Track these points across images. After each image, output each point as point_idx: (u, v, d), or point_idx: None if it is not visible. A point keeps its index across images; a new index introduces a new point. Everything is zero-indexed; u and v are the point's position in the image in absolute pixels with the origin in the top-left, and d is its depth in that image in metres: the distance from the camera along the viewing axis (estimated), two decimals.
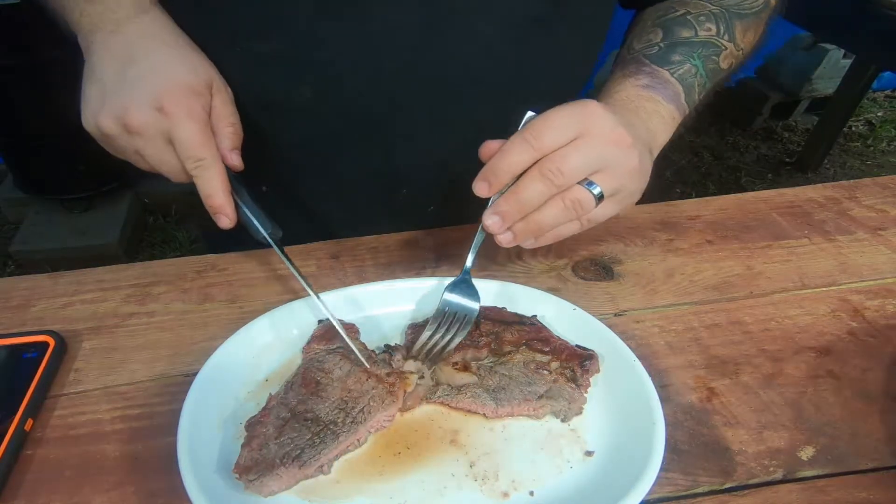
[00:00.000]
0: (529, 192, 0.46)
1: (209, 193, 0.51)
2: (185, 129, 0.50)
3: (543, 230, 0.49)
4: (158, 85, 0.50)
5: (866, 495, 0.42)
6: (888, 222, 0.69)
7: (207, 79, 0.54)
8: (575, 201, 0.47)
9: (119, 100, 0.50)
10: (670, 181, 2.66)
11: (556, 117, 0.46)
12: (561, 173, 0.46)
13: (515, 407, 0.47)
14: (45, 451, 0.46)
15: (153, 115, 0.50)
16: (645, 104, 0.57)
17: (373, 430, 0.46)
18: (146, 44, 0.54)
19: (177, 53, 0.54)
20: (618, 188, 0.49)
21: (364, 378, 0.48)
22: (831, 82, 2.75)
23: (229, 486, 0.42)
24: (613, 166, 0.47)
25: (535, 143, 0.46)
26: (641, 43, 0.63)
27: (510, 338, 0.51)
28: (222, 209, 0.52)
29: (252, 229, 0.54)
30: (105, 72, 0.52)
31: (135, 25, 0.54)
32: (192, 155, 0.50)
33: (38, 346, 0.52)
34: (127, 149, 0.52)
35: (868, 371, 0.51)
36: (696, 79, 0.61)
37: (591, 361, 0.48)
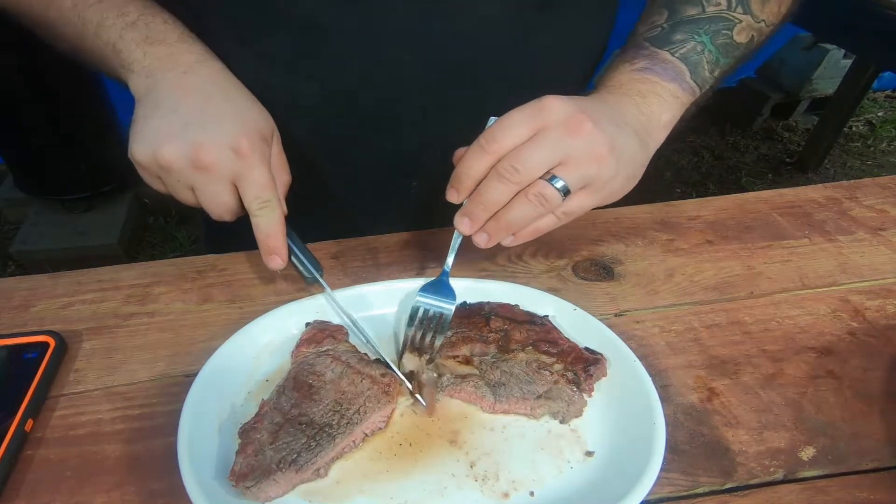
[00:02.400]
0: (491, 192, 0.48)
1: (269, 233, 0.52)
2: (258, 172, 0.51)
3: (516, 227, 0.50)
4: (235, 127, 0.51)
5: (867, 495, 0.42)
6: (888, 222, 0.69)
7: (272, 128, 0.56)
8: (538, 196, 0.47)
9: (192, 136, 0.50)
10: (670, 181, 2.66)
11: (510, 118, 0.47)
12: (517, 171, 0.46)
13: (513, 404, 0.47)
14: (46, 451, 0.46)
15: (228, 156, 0.50)
16: (639, 86, 0.57)
17: (368, 431, 0.46)
18: (218, 87, 0.55)
19: (248, 101, 0.56)
20: (586, 178, 0.48)
21: (358, 379, 0.48)
22: (831, 82, 2.75)
23: (229, 486, 0.41)
24: (575, 156, 0.47)
25: (488, 147, 0.47)
26: (645, 26, 0.62)
27: (518, 336, 0.51)
28: (278, 250, 0.53)
29: (302, 269, 0.56)
30: (177, 107, 0.52)
31: (206, 69, 0.55)
32: (260, 196, 0.52)
33: (38, 346, 0.52)
34: (181, 183, 0.52)
35: (869, 371, 0.51)
36: (704, 55, 0.59)
37: (597, 366, 0.48)
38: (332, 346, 0.51)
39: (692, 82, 0.59)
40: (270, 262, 0.53)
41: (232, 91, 0.56)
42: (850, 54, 2.60)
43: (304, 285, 0.61)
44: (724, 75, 0.62)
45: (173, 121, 0.51)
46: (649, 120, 0.55)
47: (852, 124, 2.98)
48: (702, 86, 0.60)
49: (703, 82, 0.59)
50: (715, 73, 0.60)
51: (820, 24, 1.91)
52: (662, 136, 0.57)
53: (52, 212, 2.17)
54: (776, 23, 0.64)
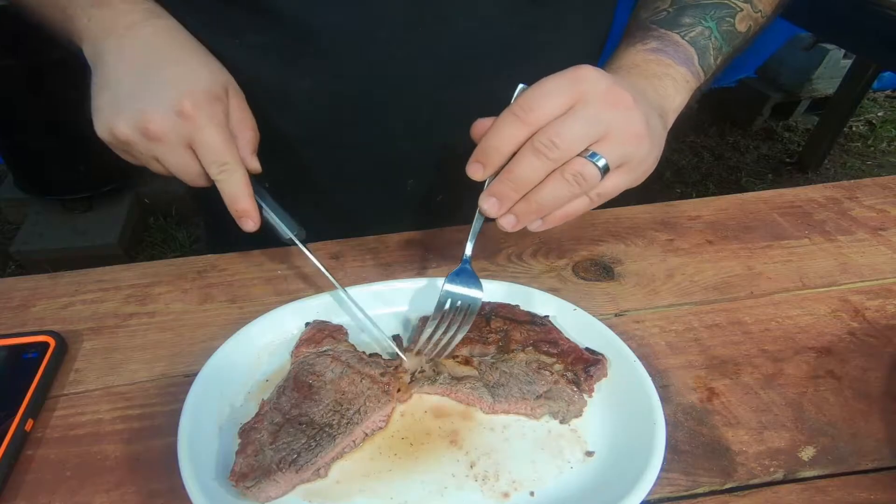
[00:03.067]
0: (524, 170, 0.43)
1: (235, 197, 0.51)
2: (208, 134, 0.49)
3: (546, 209, 0.45)
4: (178, 90, 0.49)
5: (867, 495, 0.42)
6: (888, 222, 0.69)
7: (225, 83, 0.54)
8: (577, 175, 0.43)
9: (137, 106, 0.49)
10: (670, 181, 2.66)
11: (546, 86, 0.43)
12: (555, 146, 0.42)
13: (512, 404, 0.47)
14: (46, 451, 0.46)
15: (174, 121, 0.49)
16: (654, 67, 0.55)
17: (368, 431, 0.46)
18: (162, 49, 0.53)
19: (193, 59, 0.54)
20: (625, 156, 0.45)
21: (358, 379, 0.48)
22: (831, 82, 2.75)
23: (229, 486, 0.41)
24: (615, 132, 0.44)
25: (524, 116, 0.43)
26: (649, 11, 0.61)
27: (518, 336, 0.51)
28: (247, 213, 0.51)
29: (278, 231, 0.54)
30: (120, 77, 0.51)
31: (149, 29, 0.53)
32: (216, 159, 0.50)
33: (38, 346, 0.52)
34: (145, 155, 0.51)
35: (869, 371, 0.51)
36: (711, 41, 0.58)
37: (597, 367, 0.48)
38: (332, 346, 0.51)
39: (699, 67, 0.58)
40: (242, 224, 0.52)
41: (175, 52, 0.53)
42: (850, 54, 2.60)
43: (304, 285, 0.61)
44: (723, 64, 0.62)
45: (118, 94, 0.50)
46: (664, 101, 0.54)
47: (852, 124, 2.98)
48: (706, 72, 0.59)
49: (707, 68, 0.59)
50: (718, 60, 0.60)
51: (820, 24, 1.91)
52: (672, 120, 0.56)
53: (52, 212, 2.17)
54: (770, 14, 0.64)
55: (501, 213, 0.45)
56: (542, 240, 0.67)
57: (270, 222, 0.54)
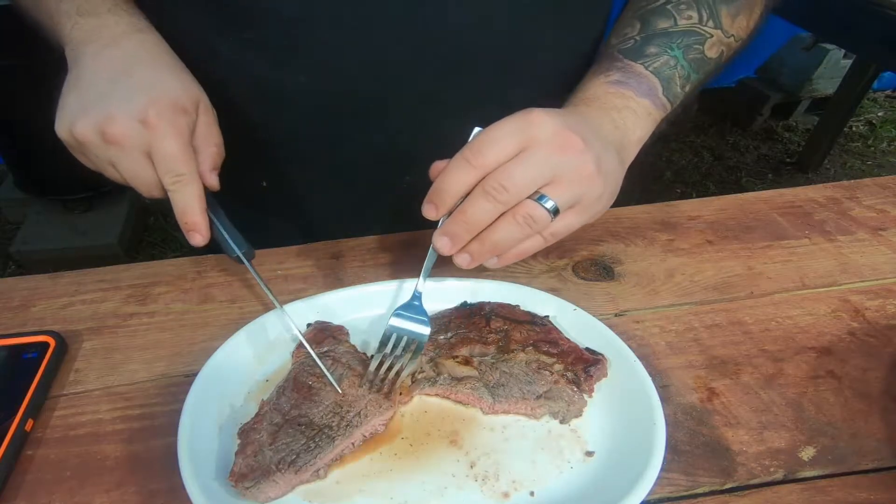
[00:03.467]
0: (475, 212, 0.45)
1: (185, 210, 0.50)
2: (167, 144, 0.49)
3: (500, 249, 0.47)
4: (145, 98, 0.49)
5: (867, 495, 0.42)
6: (888, 222, 0.69)
7: (196, 98, 0.53)
8: (527, 217, 0.45)
9: (102, 109, 0.49)
10: (670, 181, 2.66)
11: (496, 131, 0.45)
12: (505, 189, 0.44)
13: (512, 404, 0.47)
14: (46, 451, 0.46)
15: (135, 127, 0.49)
16: (614, 101, 0.55)
17: (368, 434, 0.45)
18: (140, 59, 0.53)
19: (168, 71, 0.53)
20: (575, 197, 0.47)
21: (358, 382, 0.47)
22: (831, 82, 2.75)
23: (229, 486, 0.41)
24: (565, 175, 0.45)
25: (474, 161, 0.44)
26: (618, 37, 0.62)
27: (518, 337, 0.51)
28: (197, 227, 0.51)
29: (226, 248, 0.54)
30: (94, 81, 0.51)
31: (132, 42, 0.53)
32: (171, 169, 0.49)
33: (38, 346, 0.52)
34: (101, 159, 0.51)
35: (869, 371, 0.51)
36: (676, 70, 0.59)
37: (597, 367, 0.48)
38: (333, 346, 0.51)
39: (664, 98, 0.58)
40: (190, 238, 0.51)
41: (154, 62, 0.53)
42: (850, 54, 2.60)
43: (304, 285, 0.61)
44: (693, 91, 0.62)
45: (89, 95, 0.50)
46: (624, 135, 0.54)
47: (852, 124, 2.98)
48: (672, 101, 0.59)
49: (674, 98, 0.59)
50: (686, 88, 0.60)
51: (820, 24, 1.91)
52: (634, 153, 0.56)
53: (52, 212, 2.17)
54: (744, 38, 0.64)
55: (454, 252, 0.47)
56: None
57: (220, 238, 0.53)
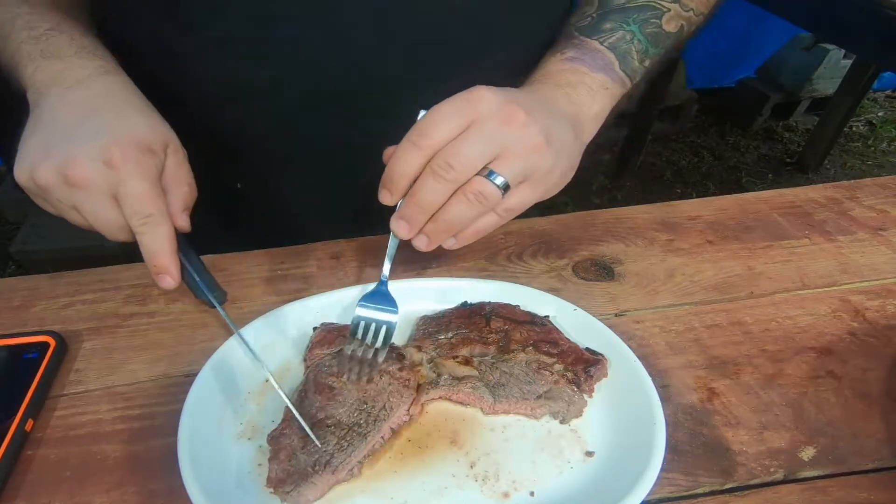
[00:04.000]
0: (426, 193, 0.45)
1: (155, 252, 0.48)
2: (133, 184, 0.47)
3: (455, 228, 0.48)
4: (109, 138, 0.48)
5: (867, 496, 0.42)
6: (889, 222, 0.69)
7: (164, 139, 0.52)
8: (477, 194, 0.45)
9: (64, 151, 0.47)
10: (670, 181, 2.66)
11: (440, 111, 0.45)
12: (451, 167, 0.44)
13: (513, 404, 0.47)
14: (46, 451, 0.46)
15: (100, 170, 0.47)
16: (567, 76, 0.55)
17: (395, 427, 0.46)
18: (106, 101, 0.51)
19: (135, 112, 0.52)
20: (525, 171, 0.46)
21: (377, 377, 0.48)
22: (832, 82, 2.75)
23: (229, 486, 0.42)
24: (512, 148, 0.45)
25: (420, 142, 0.45)
26: (577, 16, 0.62)
27: (518, 337, 0.51)
28: (166, 269, 0.48)
29: (197, 292, 0.52)
30: (56, 124, 0.49)
31: (98, 84, 0.52)
32: (139, 210, 0.47)
33: (38, 346, 0.52)
34: (63, 204, 0.49)
35: (869, 371, 0.51)
36: (633, 44, 0.59)
37: (597, 367, 0.48)
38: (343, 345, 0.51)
39: (621, 72, 0.58)
40: (159, 281, 0.49)
41: (120, 103, 0.52)
42: (850, 54, 2.60)
43: (304, 285, 0.61)
44: (654, 65, 0.62)
45: (50, 138, 0.48)
46: (579, 110, 0.54)
47: (852, 124, 2.98)
48: (632, 76, 0.59)
49: (632, 72, 0.59)
50: (644, 62, 0.60)
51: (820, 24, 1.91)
52: (594, 129, 0.56)
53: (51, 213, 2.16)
54: (705, 12, 0.64)
55: (412, 235, 0.48)
56: (543, 240, 0.67)
57: (190, 282, 0.51)
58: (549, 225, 0.69)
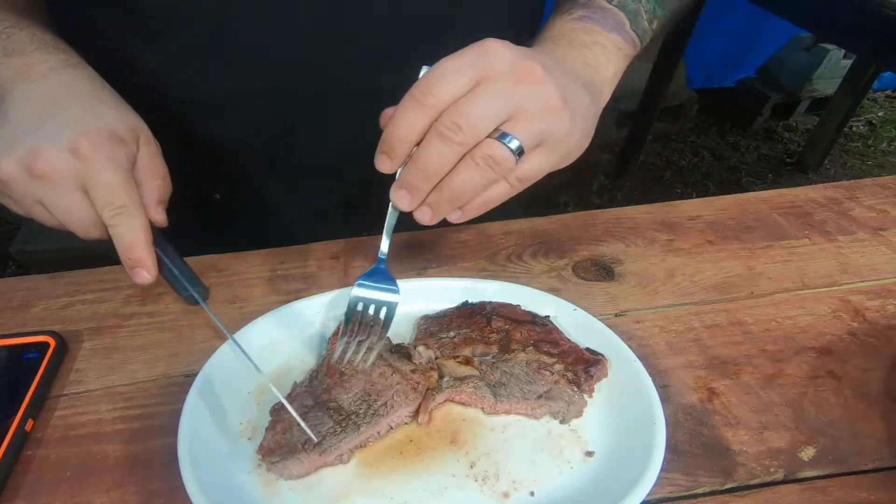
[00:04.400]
0: (431, 157, 0.40)
1: (130, 245, 0.46)
2: (104, 174, 0.45)
3: (462, 198, 0.43)
4: (77, 129, 0.46)
5: (867, 496, 0.42)
6: (889, 222, 0.69)
7: (134, 128, 0.50)
8: (487, 158, 0.41)
9: (28, 143, 0.45)
10: (670, 181, 2.66)
11: (447, 65, 0.41)
12: (460, 128, 0.39)
13: (513, 404, 0.47)
14: (46, 451, 0.46)
15: (67, 160, 0.45)
16: (581, 36, 0.52)
17: (393, 425, 0.46)
18: (72, 93, 0.49)
19: (103, 103, 0.50)
20: (541, 134, 0.42)
21: (389, 372, 0.48)
22: (832, 82, 2.76)
23: (229, 486, 0.42)
24: (527, 108, 0.41)
25: (424, 100, 0.40)
26: None
27: (519, 336, 0.51)
28: (142, 262, 0.47)
29: (178, 287, 0.50)
30: (20, 118, 0.47)
31: (63, 77, 0.50)
32: (111, 201, 0.45)
33: (38, 346, 0.52)
34: (25, 198, 0.46)
35: (869, 371, 0.51)
36: (641, 4, 0.56)
37: (597, 367, 0.48)
38: None
39: (632, 32, 0.55)
40: (135, 276, 0.47)
41: (86, 95, 0.50)
42: (850, 54, 2.60)
43: (304, 285, 0.61)
44: (661, 29, 0.59)
45: (13, 132, 0.46)
46: (596, 72, 0.51)
47: (852, 124, 2.98)
48: (642, 37, 0.56)
49: (643, 33, 0.56)
50: (653, 24, 0.57)
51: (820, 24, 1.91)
52: (609, 92, 0.53)
53: None
54: None
55: (414, 206, 0.43)
56: (543, 240, 0.67)
57: (169, 278, 0.49)
58: (549, 225, 0.69)
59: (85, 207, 0.46)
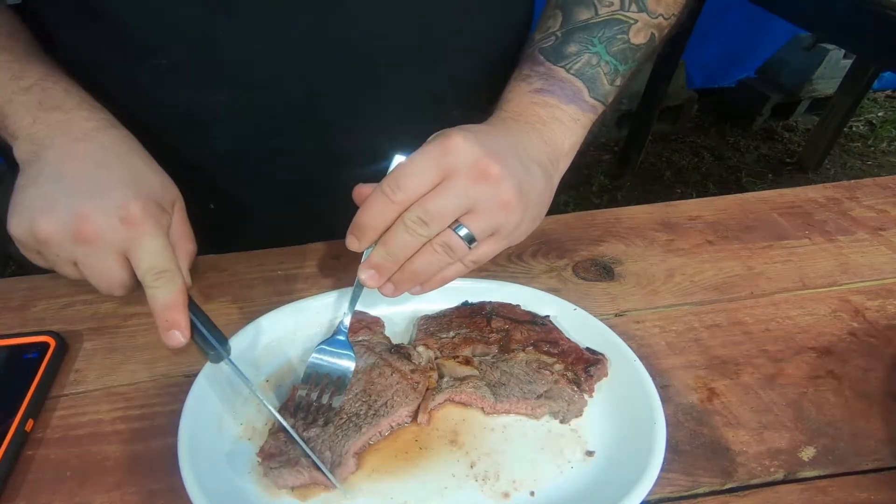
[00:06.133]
0: (397, 245, 0.45)
1: (171, 306, 0.47)
2: (152, 241, 0.47)
3: (422, 277, 0.48)
4: (127, 195, 0.47)
5: (867, 496, 0.42)
6: (889, 222, 0.69)
7: (173, 197, 0.52)
8: (444, 246, 0.45)
9: (73, 205, 0.46)
10: (670, 181, 2.66)
11: (415, 163, 0.44)
12: (424, 223, 0.44)
13: (514, 404, 0.47)
14: (46, 451, 0.46)
15: (114, 226, 0.46)
16: (539, 111, 0.54)
17: (394, 425, 0.46)
18: (117, 154, 0.51)
19: (147, 168, 0.52)
20: (494, 227, 0.46)
21: (388, 372, 0.48)
22: (832, 82, 2.75)
23: (229, 486, 0.42)
24: (482, 205, 0.45)
25: (393, 196, 0.44)
26: (541, 32, 0.60)
27: (519, 336, 0.51)
28: (178, 324, 0.47)
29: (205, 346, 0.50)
30: (61, 175, 0.48)
31: (105, 137, 0.51)
32: (156, 266, 0.47)
33: (38, 346, 0.52)
34: (60, 257, 0.47)
35: (869, 371, 0.51)
36: (600, 67, 0.57)
37: (597, 367, 0.48)
38: (368, 336, 0.52)
39: (591, 100, 0.56)
40: (169, 338, 0.47)
41: (130, 157, 0.51)
42: (850, 54, 2.60)
43: (304, 285, 0.61)
44: (629, 80, 0.60)
45: (55, 190, 0.47)
46: (553, 150, 0.53)
47: (852, 124, 2.98)
48: (603, 100, 0.57)
49: (603, 97, 0.57)
50: (616, 82, 0.58)
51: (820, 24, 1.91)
52: (566, 163, 0.55)
53: None
54: (676, 13, 0.61)
55: (381, 284, 0.47)
56: (543, 240, 0.67)
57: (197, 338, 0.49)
58: (549, 225, 0.69)
59: (120, 270, 0.48)
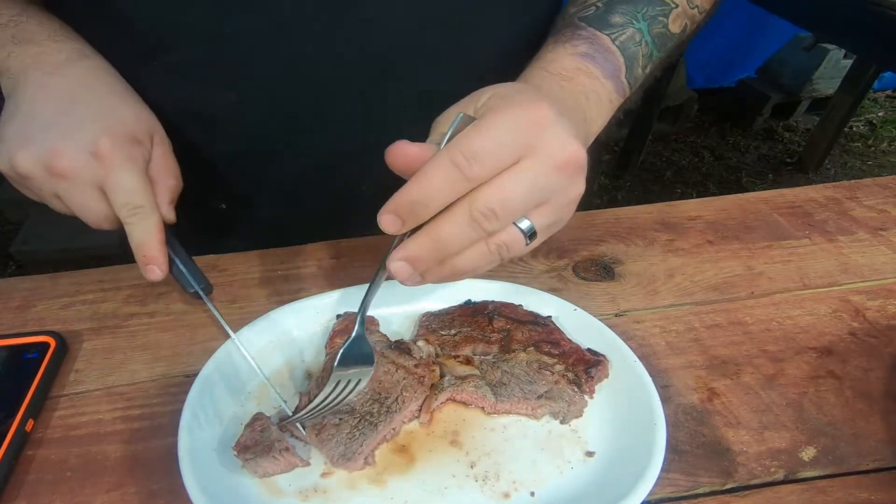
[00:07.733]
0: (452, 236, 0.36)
1: (144, 243, 0.47)
2: (122, 175, 0.47)
3: (460, 276, 0.40)
4: (97, 130, 0.47)
5: (868, 496, 0.42)
6: (889, 222, 0.69)
7: (150, 129, 0.51)
8: (501, 245, 0.38)
9: (48, 141, 0.46)
10: (670, 181, 2.66)
11: (499, 129, 0.35)
12: (495, 217, 0.35)
13: (514, 404, 0.47)
14: (46, 451, 0.46)
15: (85, 160, 0.46)
16: (584, 80, 0.49)
17: (406, 420, 0.46)
18: (89, 87, 0.50)
19: (120, 100, 0.51)
20: (554, 222, 0.40)
21: (393, 369, 0.48)
22: (832, 82, 2.76)
23: (230, 486, 0.41)
24: (556, 198, 0.38)
25: (468, 169, 0.34)
26: (577, 6, 0.57)
27: (520, 336, 0.51)
28: (155, 260, 0.48)
29: (184, 283, 0.52)
30: (36, 111, 0.48)
31: (78, 69, 0.51)
32: (129, 202, 0.47)
33: (38, 346, 0.52)
34: (45, 192, 0.49)
35: (869, 371, 0.51)
36: (640, 47, 0.54)
37: (598, 368, 0.48)
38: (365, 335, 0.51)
39: (625, 81, 0.54)
40: (147, 273, 0.48)
41: (102, 90, 0.51)
42: (850, 54, 2.60)
43: (304, 285, 0.61)
44: (652, 73, 0.58)
45: (30, 126, 0.47)
46: (588, 128, 0.50)
47: (853, 124, 2.99)
48: (633, 85, 0.55)
49: (634, 81, 0.55)
50: (646, 69, 0.56)
51: (820, 24, 1.91)
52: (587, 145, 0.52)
53: (52, 212, 2.14)
54: (708, 9, 0.60)
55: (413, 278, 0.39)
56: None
57: (177, 273, 0.51)
58: None
59: (101, 204, 0.48)
